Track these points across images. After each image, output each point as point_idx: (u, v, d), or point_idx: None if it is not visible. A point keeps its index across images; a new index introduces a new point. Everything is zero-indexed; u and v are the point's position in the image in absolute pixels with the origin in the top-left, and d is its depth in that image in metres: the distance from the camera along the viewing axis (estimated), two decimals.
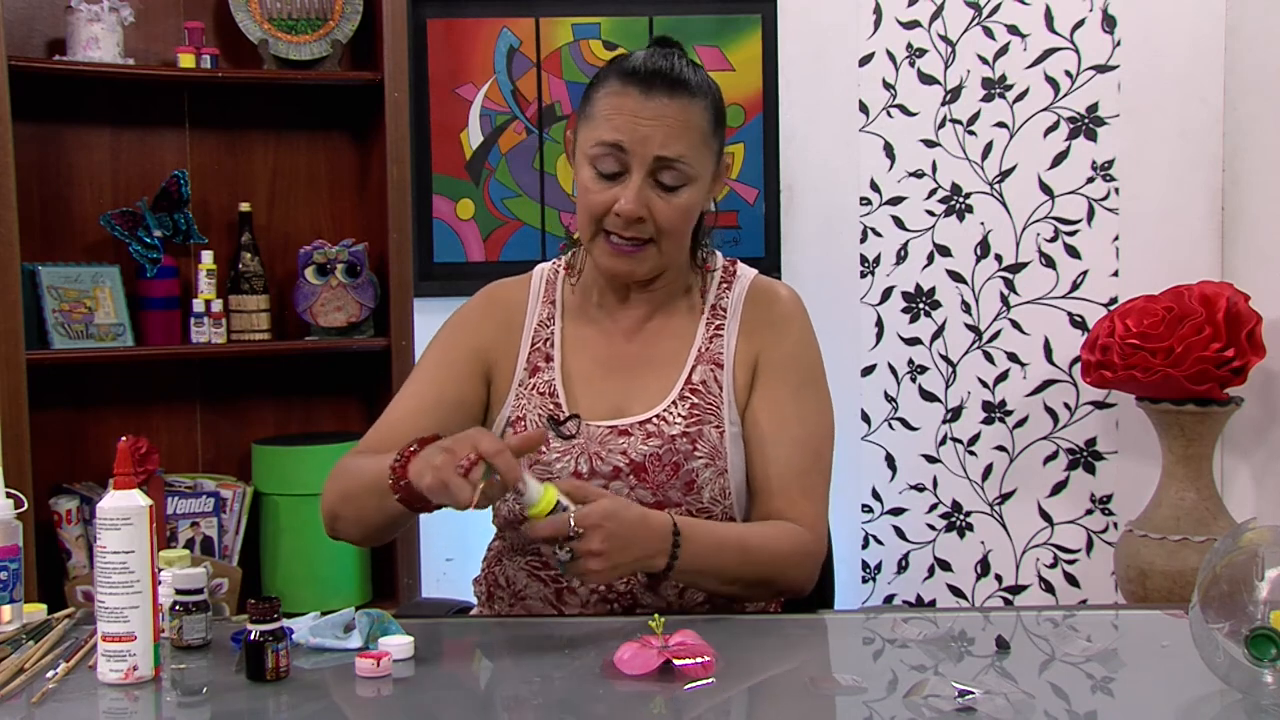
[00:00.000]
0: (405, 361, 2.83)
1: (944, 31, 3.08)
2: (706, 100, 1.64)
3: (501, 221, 3.15)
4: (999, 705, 1.21)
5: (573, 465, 1.65)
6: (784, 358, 1.72)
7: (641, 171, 1.60)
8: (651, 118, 1.59)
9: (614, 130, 1.60)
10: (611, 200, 1.61)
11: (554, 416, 1.68)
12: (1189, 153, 3.03)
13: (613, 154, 1.61)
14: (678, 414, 1.66)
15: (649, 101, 1.60)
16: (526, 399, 1.70)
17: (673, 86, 1.61)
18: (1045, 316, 3.09)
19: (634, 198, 1.60)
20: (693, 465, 1.63)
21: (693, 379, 1.69)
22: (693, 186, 1.63)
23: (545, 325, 1.75)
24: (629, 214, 1.60)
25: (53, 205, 2.79)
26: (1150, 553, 2.75)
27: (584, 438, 1.66)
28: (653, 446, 1.64)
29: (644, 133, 1.59)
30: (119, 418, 2.85)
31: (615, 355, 1.73)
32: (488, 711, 1.30)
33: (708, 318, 1.74)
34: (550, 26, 3.13)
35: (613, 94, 1.62)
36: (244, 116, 2.94)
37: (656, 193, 1.62)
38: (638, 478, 1.63)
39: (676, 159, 1.60)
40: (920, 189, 3.10)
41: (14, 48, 2.60)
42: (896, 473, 3.15)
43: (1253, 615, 1.22)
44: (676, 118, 1.60)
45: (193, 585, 1.40)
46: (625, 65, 1.65)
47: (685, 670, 1.29)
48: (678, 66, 1.63)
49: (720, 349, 1.71)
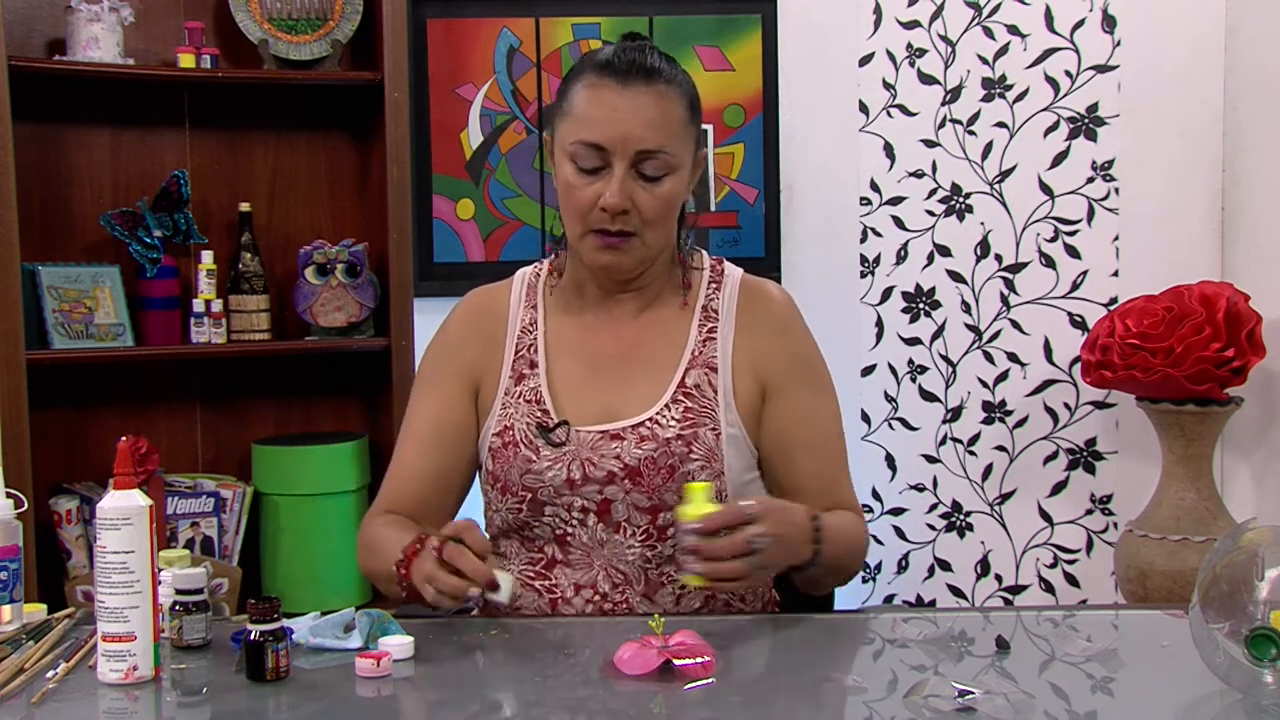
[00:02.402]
0: (405, 361, 2.83)
1: (944, 31, 3.08)
2: (681, 89, 1.64)
3: (501, 221, 3.15)
4: (999, 705, 1.21)
5: (565, 472, 1.63)
6: (794, 361, 1.72)
7: (624, 164, 1.60)
8: (630, 109, 1.59)
9: (593, 125, 1.60)
10: (595, 195, 1.61)
11: (542, 424, 1.66)
12: (1189, 153, 3.03)
13: (593, 149, 1.60)
14: (671, 417, 1.64)
15: (626, 93, 1.60)
16: (513, 408, 1.69)
17: (648, 76, 1.61)
18: (1045, 316, 3.08)
19: (618, 190, 1.59)
20: (688, 468, 1.62)
21: (685, 382, 1.67)
22: (675, 175, 1.63)
23: (529, 331, 1.74)
24: (614, 207, 1.60)
25: (53, 205, 2.79)
26: (1150, 553, 2.74)
27: (574, 444, 1.64)
28: (647, 450, 1.62)
29: (624, 126, 1.59)
30: (119, 418, 2.85)
31: (602, 356, 1.71)
32: (488, 711, 1.30)
33: (699, 320, 1.72)
34: (550, 26, 3.13)
35: (589, 88, 1.62)
36: (244, 116, 2.94)
37: (639, 184, 1.61)
38: (632, 481, 1.62)
39: (658, 149, 1.60)
40: (920, 189, 3.10)
41: (14, 48, 2.59)
42: (896, 473, 3.15)
43: (1253, 615, 1.22)
44: (654, 108, 1.60)
45: (193, 585, 1.40)
46: (598, 59, 1.64)
47: (685, 670, 1.29)
48: (651, 57, 1.64)
49: (714, 352, 1.70)
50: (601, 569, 1.64)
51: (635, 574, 1.64)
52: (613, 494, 1.62)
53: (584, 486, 1.63)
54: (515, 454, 1.65)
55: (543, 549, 1.66)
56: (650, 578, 1.64)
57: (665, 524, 1.63)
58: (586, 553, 1.64)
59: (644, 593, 1.63)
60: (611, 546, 1.64)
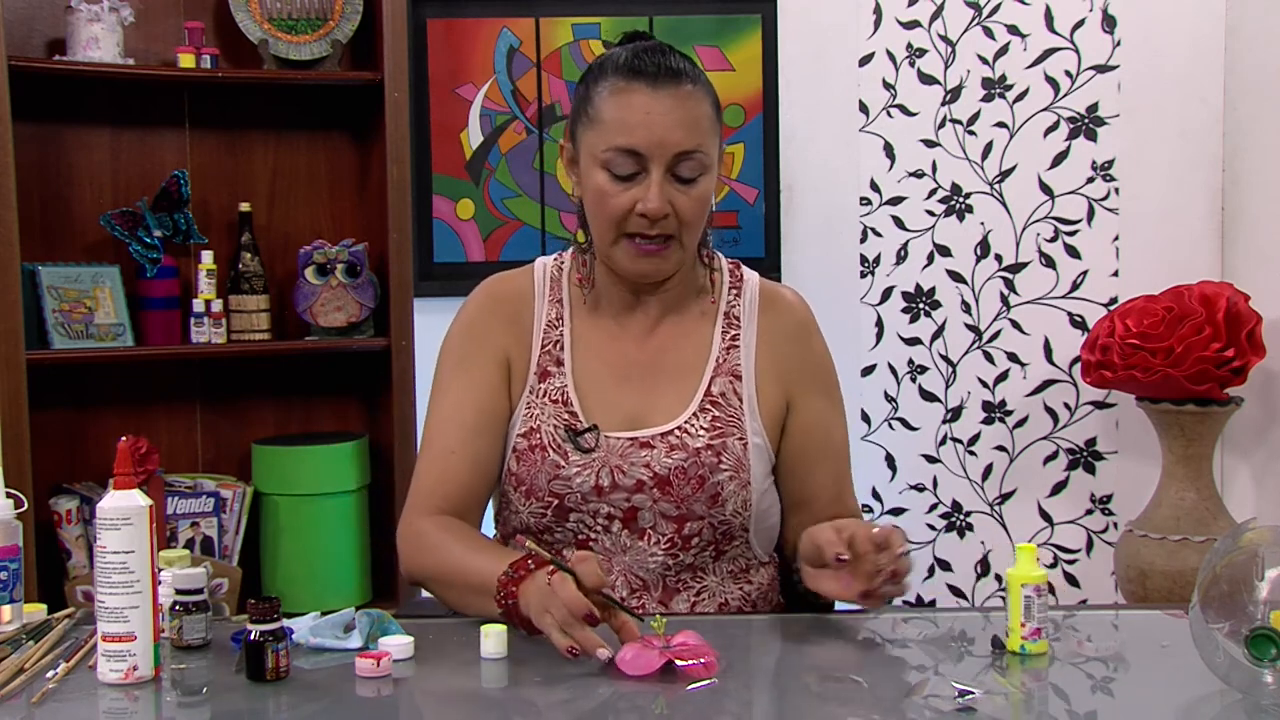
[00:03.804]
0: (405, 361, 2.83)
1: (944, 31, 3.08)
2: (705, 87, 1.62)
3: (501, 221, 3.15)
4: (999, 705, 1.21)
5: (594, 479, 1.61)
6: (814, 369, 1.73)
7: (661, 168, 1.57)
8: (664, 111, 1.56)
9: (628, 130, 1.57)
10: (631, 201, 1.58)
11: (572, 428, 1.63)
12: (1189, 153, 3.03)
13: (629, 155, 1.57)
14: (700, 426, 1.63)
15: (659, 95, 1.57)
16: (539, 408, 1.65)
17: (676, 78, 1.58)
18: (1045, 316, 3.08)
19: (658, 194, 1.57)
20: (718, 478, 1.61)
21: (712, 390, 1.66)
22: (708, 175, 1.61)
23: (554, 326, 1.70)
24: (655, 212, 1.57)
25: (53, 205, 2.79)
26: (1150, 553, 2.74)
27: (604, 450, 1.62)
28: (677, 459, 1.61)
29: (660, 130, 1.56)
30: (119, 418, 2.85)
31: (628, 362, 1.69)
32: (488, 711, 1.30)
33: (722, 327, 1.71)
34: (550, 26, 3.13)
35: (617, 93, 1.58)
36: (244, 116, 2.94)
37: (675, 187, 1.59)
38: (661, 491, 1.60)
39: (694, 150, 1.58)
40: (920, 189, 3.10)
41: (14, 48, 2.59)
42: (896, 473, 3.15)
43: (1253, 615, 1.22)
44: (686, 108, 1.58)
45: (193, 585, 1.40)
46: (619, 63, 1.60)
47: (687, 671, 1.29)
48: (672, 58, 1.61)
49: (738, 360, 1.68)
50: (621, 574, 1.62)
51: (654, 580, 1.63)
52: (640, 502, 1.61)
53: (612, 494, 1.61)
54: (544, 458, 1.62)
55: (560, 551, 1.63)
56: (668, 584, 1.63)
57: (690, 533, 1.62)
58: (608, 558, 1.62)
59: (661, 599, 1.62)
60: (634, 553, 1.62)
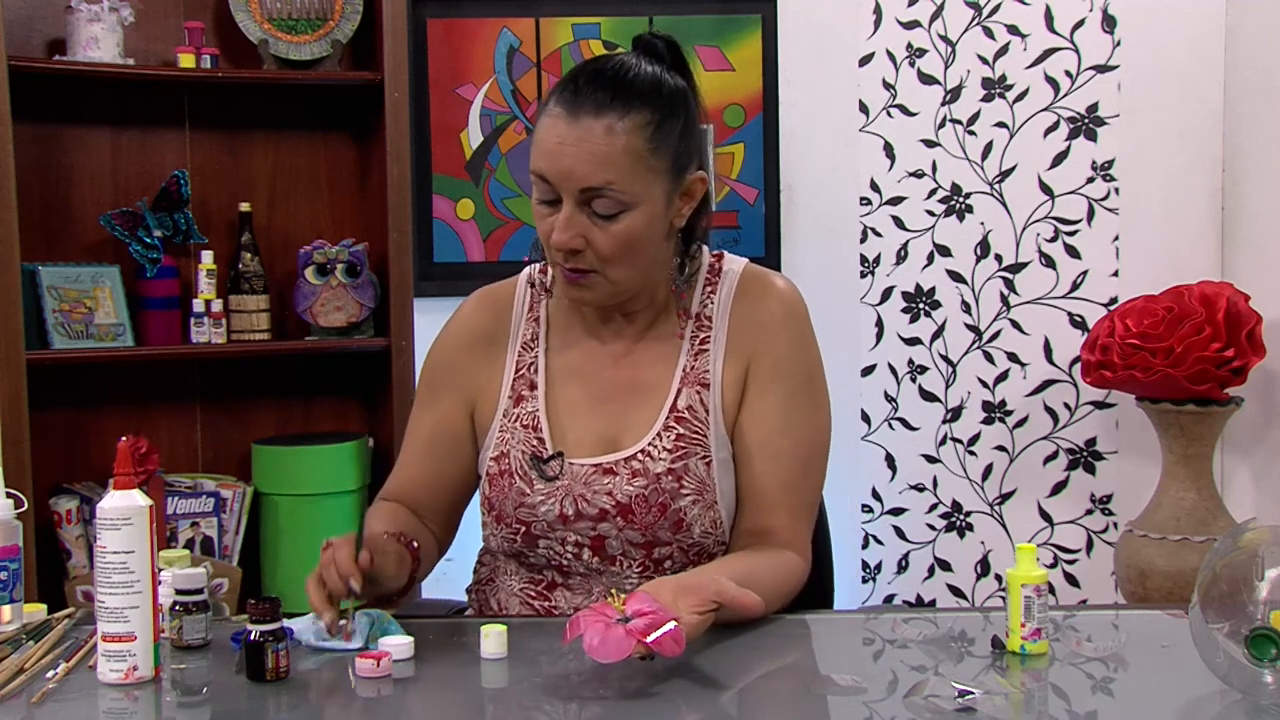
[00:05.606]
0: (405, 361, 2.83)
1: (944, 31, 3.08)
2: (644, 115, 1.49)
3: (501, 221, 3.15)
4: (999, 705, 1.21)
5: (558, 508, 1.57)
6: (776, 362, 1.61)
7: (570, 201, 1.48)
8: (574, 144, 1.46)
9: (540, 157, 1.49)
10: (551, 228, 1.50)
11: (536, 455, 1.59)
12: (1189, 153, 3.03)
13: (544, 181, 1.50)
14: (662, 448, 1.57)
15: (574, 126, 1.47)
16: (510, 432, 1.62)
17: (598, 107, 1.47)
18: (1045, 316, 3.09)
19: (564, 227, 1.48)
20: (680, 504, 1.56)
21: (678, 405, 1.59)
22: (634, 212, 1.49)
23: (530, 348, 1.66)
24: (559, 244, 1.49)
25: (53, 205, 2.79)
26: (1150, 553, 2.74)
27: (568, 478, 1.58)
28: (638, 486, 1.55)
29: (567, 162, 1.47)
30: (119, 418, 2.85)
31: (602, 383, 1.63)
32: (488, 711, 1.30)
33: (691, 330, 1.62)
34: (550, 26, 3.13)
35: (546, 115, 1.50)
36: (244, 116, 2.94)
37: (593, 221, 1.49)
38: (625, 519, 1.56)
39: (603, 187, 1.47)
40: (920, 189, 3.10)
41: (14, 48, 2.59)
42: (896, 473, 3.15)
43: (1253, 615, 1.22)
44: (603, 142, 1.46)
45: (193, 585, 1.40)
46: (565, 79, 1.52)
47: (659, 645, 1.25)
48: (614, 82, 1.49)
49: (706, 366, 1.61)
50: (601, 595, 1.60)
51: None
52: (606, 530, 1.57)
53: (577, 523, 1.57)
54: (510, 485, 1.60)
55: (542, 572, 1.63)
56: None
57: (661, 557, 1.58)
58: (586, 579, 1.61)
59: None
60: (609, 576, 1.60)
